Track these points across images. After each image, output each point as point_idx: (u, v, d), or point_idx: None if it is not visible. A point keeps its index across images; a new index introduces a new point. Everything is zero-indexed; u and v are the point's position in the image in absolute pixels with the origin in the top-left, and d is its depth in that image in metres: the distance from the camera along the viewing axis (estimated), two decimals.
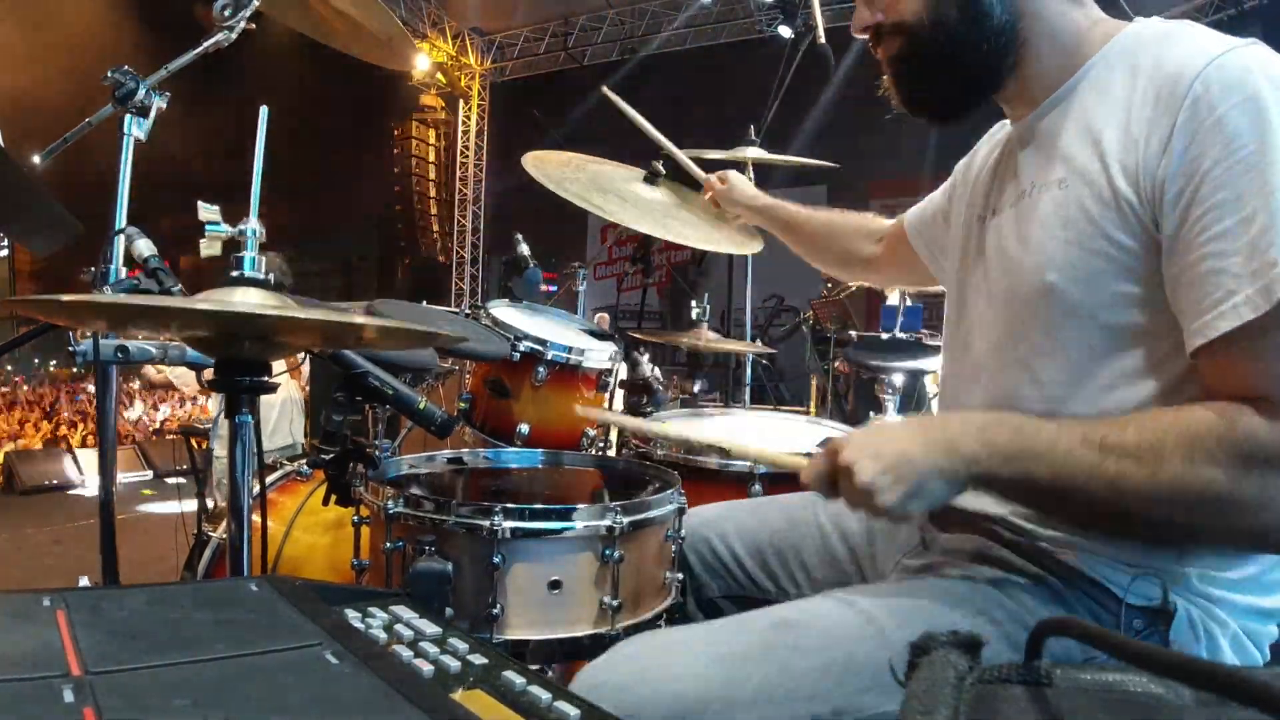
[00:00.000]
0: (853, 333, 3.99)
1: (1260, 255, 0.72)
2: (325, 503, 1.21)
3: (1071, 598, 0.87)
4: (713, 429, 1.74)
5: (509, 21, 11.52)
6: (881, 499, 0.80)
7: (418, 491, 1.10)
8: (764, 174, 2.73)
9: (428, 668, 0.58)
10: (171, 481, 6.43)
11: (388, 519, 1.08)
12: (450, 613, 1.01)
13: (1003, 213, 1.00)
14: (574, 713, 0.52)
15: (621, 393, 2.04)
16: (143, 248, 1.17)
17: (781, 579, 1.16)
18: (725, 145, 2.70)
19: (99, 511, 1.45)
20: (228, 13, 1.47)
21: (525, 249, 1.92)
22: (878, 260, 1.41)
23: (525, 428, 1.72)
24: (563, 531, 1.05)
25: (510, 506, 1.03)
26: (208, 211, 0.92)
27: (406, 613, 0.69)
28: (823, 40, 2.40)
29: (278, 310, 0.79)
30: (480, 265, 12.31)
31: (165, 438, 8.21)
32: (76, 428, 8.45)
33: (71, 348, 1.19)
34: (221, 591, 0.69)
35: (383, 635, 0.64)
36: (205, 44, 1.49)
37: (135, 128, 1.41)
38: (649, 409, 1.97)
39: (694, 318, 2.27)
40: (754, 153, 2.70)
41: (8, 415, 8.57)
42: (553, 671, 1.10)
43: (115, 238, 1.27)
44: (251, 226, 0.91)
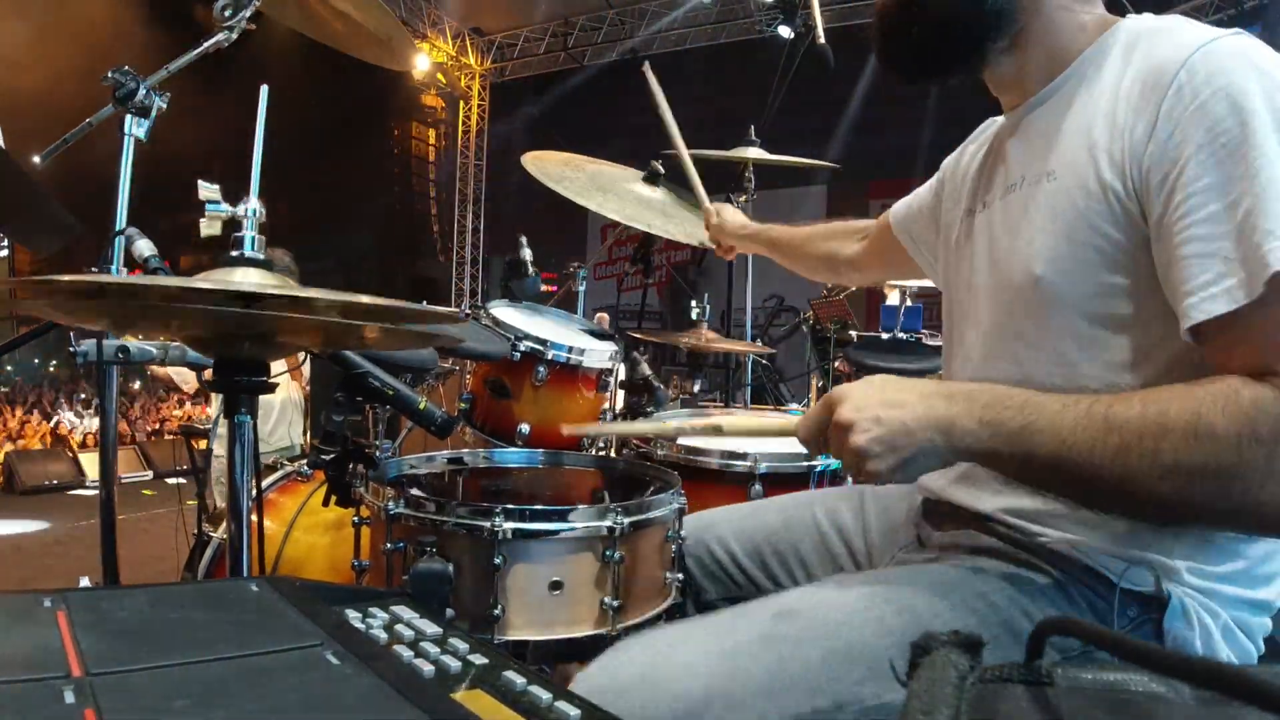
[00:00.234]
0: (853, 333, 3.99)
1: (1248, 239, 0.72)
2: (325, 503, 1.21)
3: (1069, 585, 0.87)
4: (723, 439, 1.74)
5: (509, 21, 11.51)
6: (872, 465, 0.79)
7: (418, 492, 1.10)
8: (764, 174, 2.73)
9: (428, 668, 0.58)
10: (171, 481, 6.44)
11: (388, 519, 1.08)
12: (451, 613, 1.01)
13: (992, 206, 1.00)
14: (574, 713, 0.52)
15: (621, 393, 2.03)
16: (143, 248, 1.17)
17: (781, 579, 1.17)
18: (725, 145, 2.70)
19: (99, 511, 1.45)
20: (228, 13, 1.47)
21: (528, 252, 1.92)
22: (860, 258, 1.43)
23: (525, 428, 1.72)
24: (563, 532, 1.05)
25: (511, 507, 1.03)
26: (208, 190, 0.91)
27: (407, 613, 0.69)
28: (823, 40, 2.40)
29: (278, 290, 0.77)
30: (480, 265, 12.30)
31: (165, 438, 8.22)
32: (76, 428, 8.45)
33: (72, 348, 1.19)
34: (222, 592, 0.69)
35: (383, 635, 0.64)
36: (205, 44, 1.49)
37: (135, 128, 1.41)
38: (649, 409, 1.97)
39: (694, 318, 2.27)
40: (754, 153, 2.70)
41: (8, 415, 8.56)
42: (551, 671, 1.10)
43: (116, 239, 1.27)
44: (252, 206, 0.90)
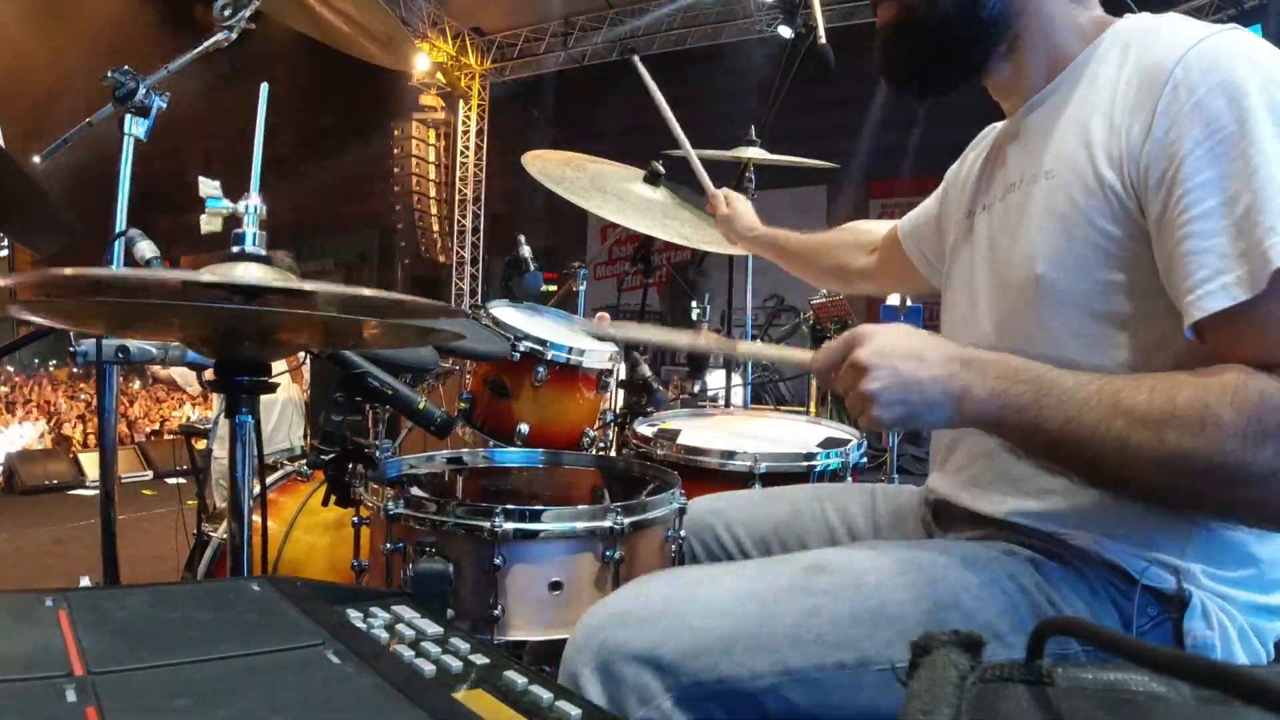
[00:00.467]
0: None
1: (1247, 235, 0.72)
2: (325, 503, 1.21)
3: (1092, 576, 0.86)
4: (711, 439, 1.74)
5: (509, 21, 11.51)
6: (878, 412, 0.79)
7: (418, 492, 1.10)
8: (764, 174, 2.73)
9: (429, 667, 0.58)
10: (171, 481, 6.44)
11: (388, 520, 1.08)
12: (451, 614, 1.01)
13: (992, 207, 1.01)
14: (575, 712, 0.52)
15: (621, 393, 2.03)
16: (145, 249, 1.17)
17: None
18: (725, 145, 2.70)
19: (99, 511, 1.45)
20: (228, 13, 1.47)
21: (527, 250, 1.92)
22: (872, 270, 1.43)
23: (525, 428, 1.72)
24: (563, 532, 1.05)
25: (510, 507, 1.03)
26: (208, 186, 0.91)
27: (408, 612, 0.69)
28: (823, 40, 2.40)
29: (280, 282, 0.77)
30: (480, 266, 12.30)
31: (165, 438, 8.21)
32: (76, 428, 8.44)
33: (72, 348, 1.20)
34: (223, 591, 0.69)
35: (384, 635, 0.64)
36: (205, 44, 1.49)
37: (135, 128, 1.41)
38: (649, 409, 1.97)
39: (694, 318, 2.27)
40: (754, 153, 2.70)
41: (8, 415, 8.56)
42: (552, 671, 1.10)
43: (117, 240, 1.27)
44: (253, 202, 0.90)
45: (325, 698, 0.49)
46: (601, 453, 1.86)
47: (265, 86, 0.91)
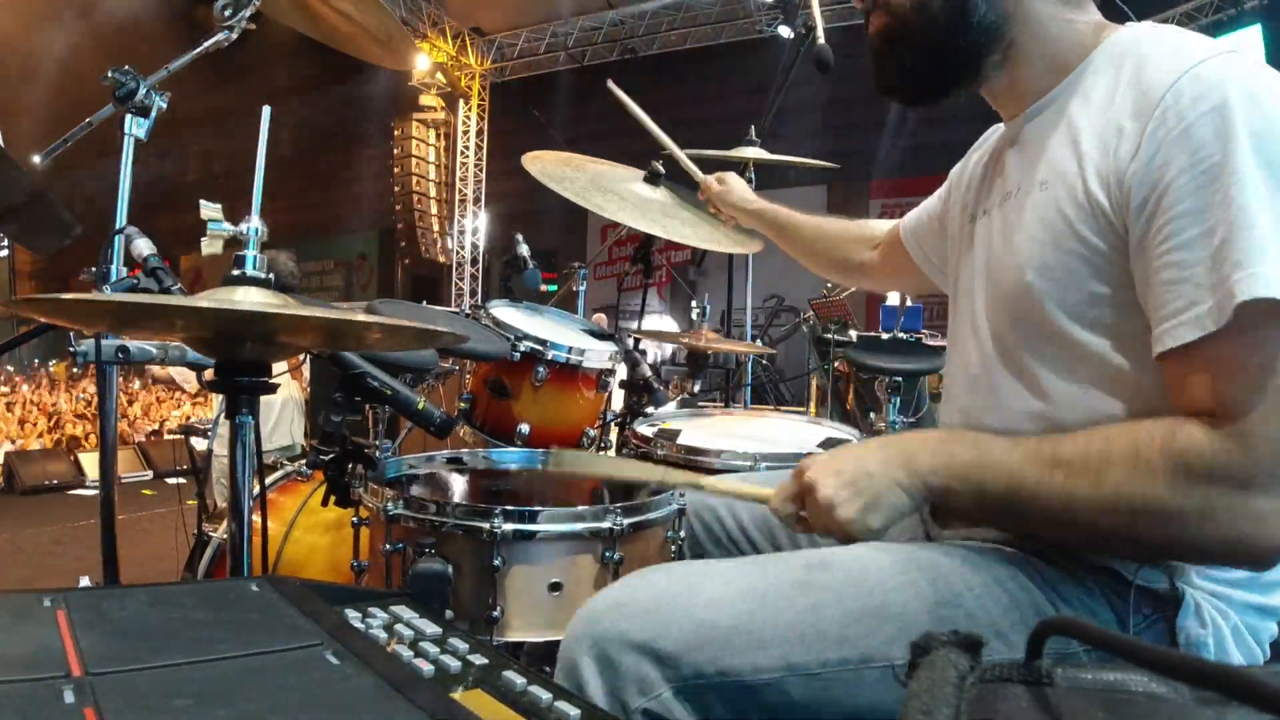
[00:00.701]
0: (853, 333, 4.00)
1: (1219, 269, 0.72)
2: (325, 503, 1.21)
3: (1086, 576, 0.87)
4: (711, 439, 1.74)
5: (509, 21, 11.52)
6: (840, 512, 0.83)
7: (417, 493, 1.10)
8: (764, 174, 2.73)
9: (428, 668, 0.58)
10: (171, 481, 6.44)
11: (387, 520, 1.08)
12: (450, 615, 1.01)
13: (991, 213, 1.01)
14: (574, 713, 0.52)
15: (621, 393, 2.03)
16: (142, 247, 1.17)
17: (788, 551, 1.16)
18: (725, 145, 2.70)
19: (99, 511, 1.45)
20: (228, 13, 1.47)
21: (525, 249, 1.92)
22: (873, 267, 1.42)
23: (525, 428, 1.72)
24: (562, 533, 1.05)
25: (510, 508, 1.03)
26: (210, 210, 0.92)
27: (407, 613, 0.69)
28: (823, 40, 2.40)
29: (278, 309, 0.78)
30: (480, 265, 12.31)
31: (165, 438, 8.21)
32: (76, 428, 8.44)
33: (72, 348, 1.20)
34: (222, 592, 0.69)
35: (383, 635, 0.64)
36: (206, 44, 1.49)
37: (135, 128, 1.41)
38: (649, 409, 1.97)
39: (694, 318, 2.27)
40: (754, 153, 2.70)
41: (7, 415, 8.56)
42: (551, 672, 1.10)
43: (115, 237, 1.27)
44: (253, 225, 0.91)
45: (324, 698, 0.49)
46: (602, 453, 1.86)
47: (267, 110, 0.91)
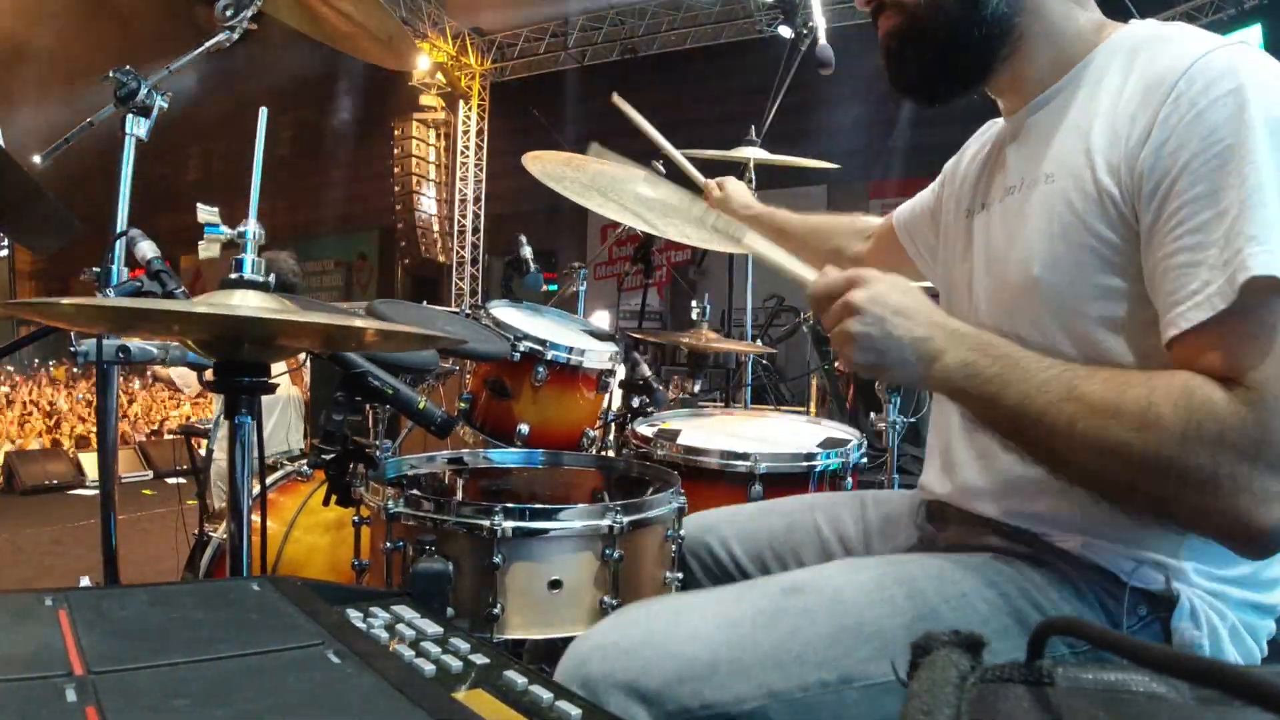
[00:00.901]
0: None
1: (1231, 244, 0.72)
2: (325, 503, 1.21)
3: (1079, 581, 0.87)
4: (711, 439, 1.74)
5: (509, 21, 11.52)
6: (853, 354, 0.83)
7: (418, 492, 1.10)
8: (764, 174, 2.73)
9: (429, 667, 0.58)
10: (171, 481, 6.44)
11: (388, 519, 1.08)
12: (451, 612, 1.01)
13: (991, 208, 1.01)
14: (575, 712, 0.52)
15: (621, 393, 2.04)
16: (145, 249, 1.17)
17: None
18: (725, 145, 2.70)
19: (99, 511, 1.45)
20: (229, 13, 1.47)
21: (528, 251, 1.92)
22: (865, 258, 1.42)
23: (525, 428, 1.72)
24: (563, 531, 1.05)
25: (510, 506, 1.03)
26: (207, 213, 0.91)
27: (408, 612, 0.69)
28: (823, 40, 2.40)
29: (276, 314, 0.78)
30: (480, 265, 12.30)
31: (165, 438, 8.21)
32: (76, 429, 8.44)
33: (73, 348, 1.20)
34: (223, 591, 0.69)
35: (384, 635, 0.64)
36: (207, 44, 1.49)
37: (136, 127, 1.41)
38: (649, 409, 1.97)
39: (694, 318, 2.27)
40: (754, 153, 2.70)
41: (7, 415, 8.56)
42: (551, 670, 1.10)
43: (117, 240, 1.27)
44: (251, 229, 0.91)
45: (325, 698, 0.49)
46: (601, 453, 1.86)
47: (264, 111, 0.91)
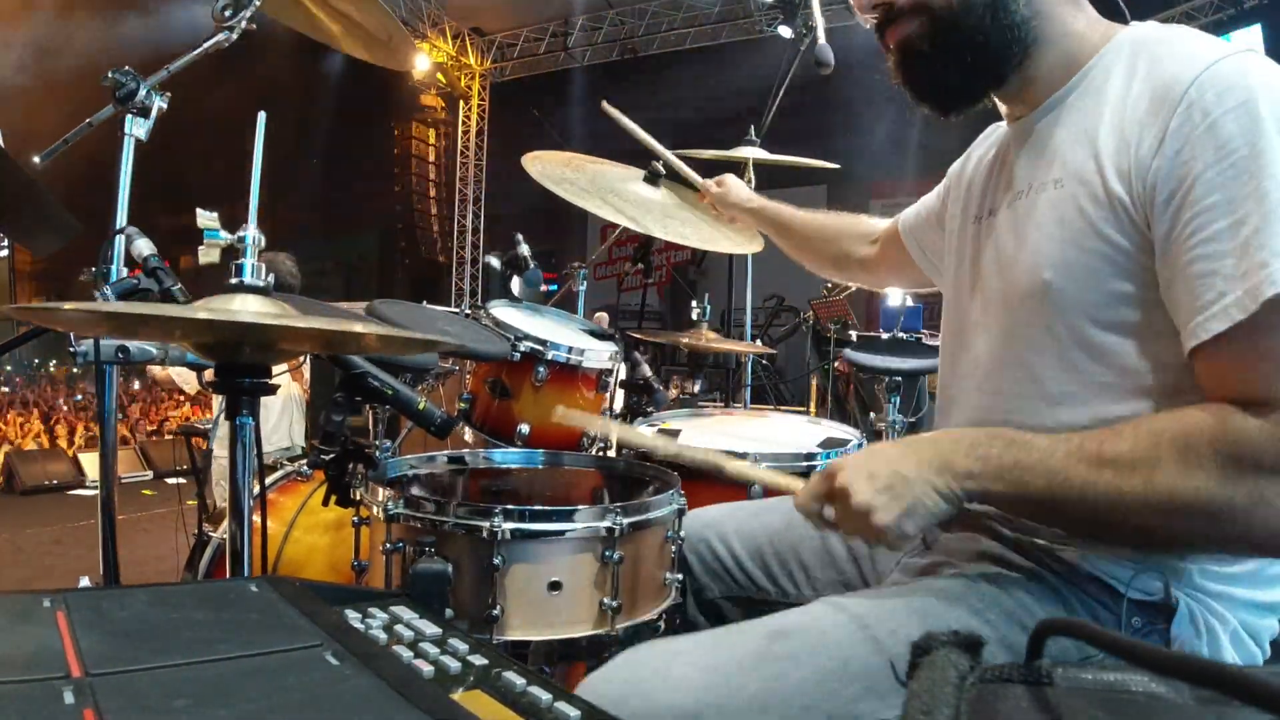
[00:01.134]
0: (853, 333, 4.00)
1: (1250, 257, 0.72)
2: (325, 503, 1.21)
3: (1070, 595, 0.87)
4: (711, 439, 1.74)
5: (509, 21, 11.51)
6: (877, 518, 0.80)
7: (418, 492, 1.10)
8: (764, 174, 2.73)
9: (428, 668, 0.58)
10: (171, 481, 6.44)
11: (388, 520, 1.08)
12: (450, 614, 1.01)
13: (999, 213, 1.00)
14: (574, 713, 0.52)
15: (621, 392, 2.03)
16: (143, 247, 1.17)
17: (781, 580, 1.17)
18: (725, 145, 2.70)
19: (99, 511, 1.45)
20: (228, 13, 1.47)
21: (525, 249, 1.92)
22: (871, 262, 1.42)
23: (525, 428, 1.72)
24: (563, 533, 1.05)
25: (510, 508, 1.03)
26: (206, 218, 0.91)
27: (407, 613, 0.69)
28: (823, 40, 2.40)
29: (276, 320, 0.78)
30: (481, 265, 12.29)
31: (165, 438, 8.21)
32: (76, 429, 8.44)
33: (72, 348, 1.20)
34: (222, 592, 0.69)
35: (383, 636, 0.64)
36: (206, 44, 1.49)
37: (136, 128, 1.41)
38: (649, 409, 1.97)
39: (694, 318, 2.27)
40: (754, 153, 2.70)
41: (7, 415, 8.56)
42: (551, 671, 1.10)
43: (115, 238, 1.27)
44: (250, 233, 0.90)
45: (324, 698, 0.49)
46: (601, 453, 1.86)
47: (262, 115, 0.90)
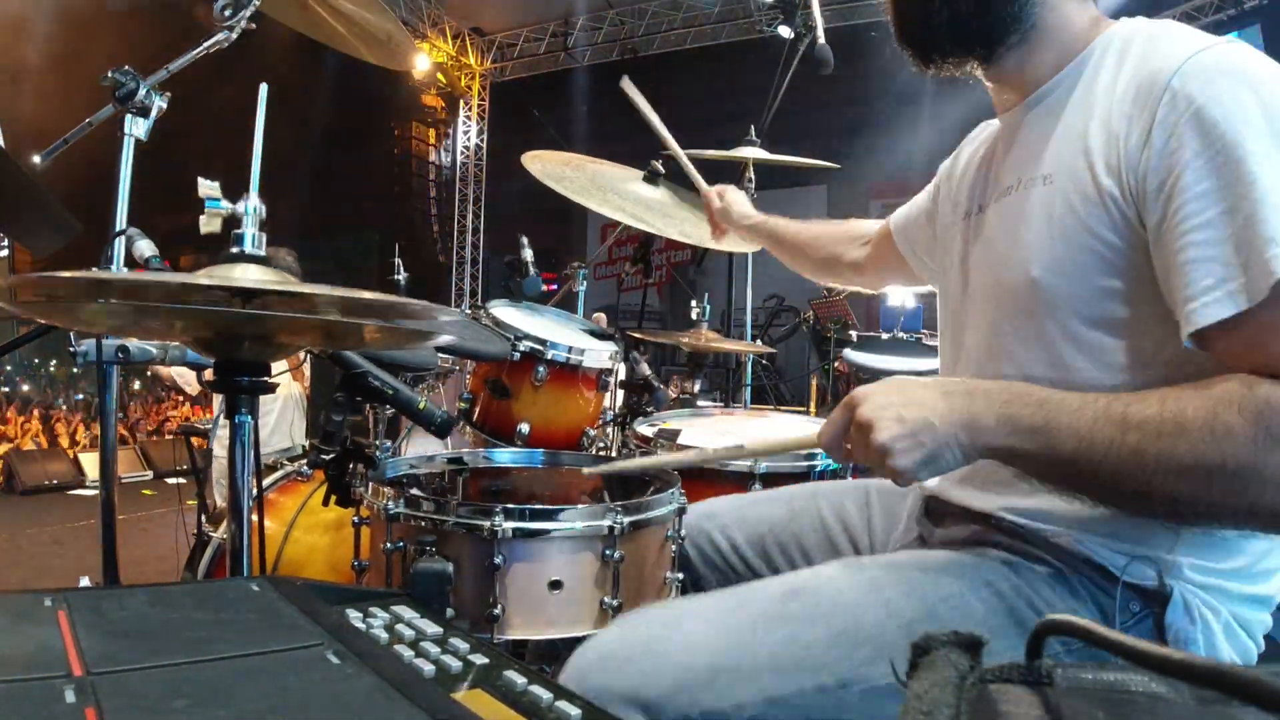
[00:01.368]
0: (853, 333, 4.00)
1: (1248, 246, 0.72)
2: (325, 503, 1.21)
3: (1073, 577, 0.87)
4: (711, 439, 1.74)
5: (509, 21, 11.51)
6: (896, 461, 0.79)
7: (418, 492, 1.10)
8: (764, 174, 2.73)
9: (429, 667, 0.58)
10: (171, 481, 6.44)
11: (388, 519, 1.08)
12: (451, 613, 1.01)
13: (989, 208, 1.01)
14: (575, 713, 0.52)
15: (621, 392, 2.03)
16: (144, 248, 1.17)
17: (783, 569, 1.16)
18: (725, 145, 2.70)
19: (99, 511, 1.45)
20: (228, 13, 1.47)
21: (529, 254, 1.92)
22: (864, 263, 1.42)
23: (525, 428, 1.72)
24: (563, 532, 1.05)
25: (510, 507, 1.03)
26: (207, 187, 0.91)
27: (408, 612, 0.69)
28: (823, 40, 2.40)
29: (278, 285, 0.77)
30: (481, 265, 12.30)
31: (165, 438, 8.21)
32: (76, 429, 8.44)
33: (72, 348, 1.20)
34: (222, 591, 0.69)
35: (384, 635, 0.64)
36: (205, 44, 1.49)
37: (135, 128, 1.41)
38: (649, 409, 1.97)
39: (694, 318, 2.27)
40: (754, 153, 2.70)
41: (7, 415, 8.56)
42: (551, 671, 1.10)
43: (116, 239, 1.27)
44: (251, 203, 0.90)
45: (325, 698, 0.49)
46: (602, 453, 1.86)
47: (264, 87, 0.91)
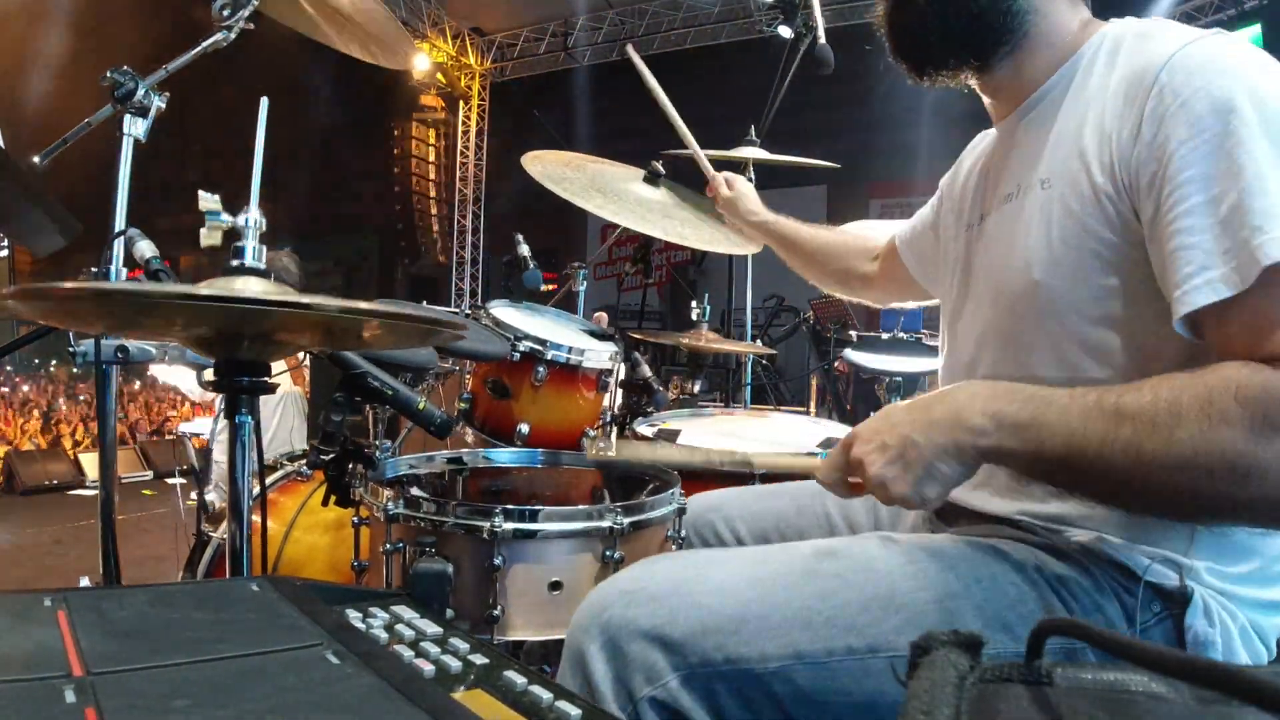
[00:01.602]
0: (853, 333, 4.00)
1: (1234, 233, 0.72)
2: (325, 503, 1.21)
3: (1097, 570, 0.86)
4: (711, 439, 1.74)
5: (509, 21, 11.51)
6: (893, 490, 0.78)
7: (417, 492, 1.10)
8: (764, 174, 2.73)
9: (429, 667, 0.58)
10: (171, 481, 6.44)
11: (388, 520, 1.08)
12: (451, 614, 1.01)
13: (990, 217, 1.02)
14: (575, 713, 0.52)
15: (621, 392, 2.03)
16: (144, 249, 1.17)
17: None
18: (725, 145, 2.70)
19: (99, 511, 1.45)
20: (227, 13, 1.47)
21: (526, 249, 1.92)
22: (875, 278, 1.43)
23: (525, 428, 1.72)
24: (563, 532, 1.05)
25: (510, 507, 1.03)
26: (208, 201, 0.91)
27: (407, 613, 0.69)
28: (823, 40, 2.40)
29: (278, 296, 0.77)
30: (481, 265, 12.31)
31: (165, 438, 8.21)
32: (76, 429, 8.44)
33: (71, 349, 1.20)
34: (222, 591, 0.69)
35: (384, 635, 0.64)
36: (204, 44, 1.49)
37: (134, 128, 1.41)
38: (649, 409, 1.97)
39: (694, 318, 2.27)
40: (754, 153, 2.70)
41: (7, 415, 8.56)
42: (551, 671, 1.10)
43: (116, 239, 1.27)
44: (252, 216, 0.90)
45: (324, 698, 0.49)
46: (602, 453, 1.86)
47: (265, 101, 0.91)
